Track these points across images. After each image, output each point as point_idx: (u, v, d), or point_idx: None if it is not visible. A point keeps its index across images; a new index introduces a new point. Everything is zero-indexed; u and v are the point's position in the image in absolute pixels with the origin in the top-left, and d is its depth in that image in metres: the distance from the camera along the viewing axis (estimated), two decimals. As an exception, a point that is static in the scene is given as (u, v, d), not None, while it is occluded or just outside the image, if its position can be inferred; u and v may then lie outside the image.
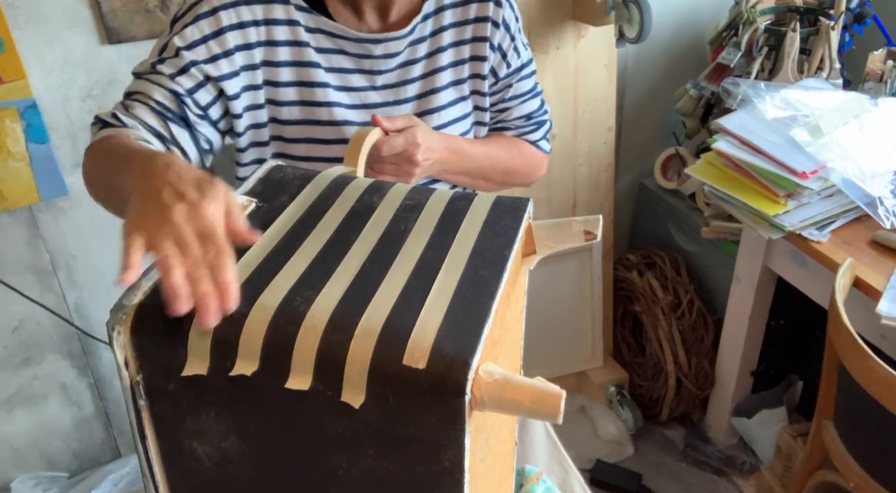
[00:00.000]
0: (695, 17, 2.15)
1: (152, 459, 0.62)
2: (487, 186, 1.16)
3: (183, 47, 0.95)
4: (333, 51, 1.01)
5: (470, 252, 0.62)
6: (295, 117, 1.02)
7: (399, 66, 1.05)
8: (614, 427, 2.15)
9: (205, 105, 0.97)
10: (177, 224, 0.58)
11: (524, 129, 1.20)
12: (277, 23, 0.98)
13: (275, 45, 0.98)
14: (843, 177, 1.50)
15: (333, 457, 0.56)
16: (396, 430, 0.52)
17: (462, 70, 1.09)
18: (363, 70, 1.03)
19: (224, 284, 0.55)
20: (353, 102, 1.03)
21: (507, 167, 1.17)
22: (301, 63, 1.00)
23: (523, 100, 1.17)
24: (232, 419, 0.57)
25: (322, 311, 0.55)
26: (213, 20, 0.95)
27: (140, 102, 0.95)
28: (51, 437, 1.97)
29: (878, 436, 1.35)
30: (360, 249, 0.63)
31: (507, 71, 1.12)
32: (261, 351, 0.54)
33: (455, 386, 0.50)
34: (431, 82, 1.07)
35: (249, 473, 0.60)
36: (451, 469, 0.53)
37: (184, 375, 0.55)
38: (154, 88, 0.95)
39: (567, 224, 0.72)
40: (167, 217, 0.58)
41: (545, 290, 2.09)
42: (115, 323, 0.56)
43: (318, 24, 0.99)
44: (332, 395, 0.52)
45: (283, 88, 1.00)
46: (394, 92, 1.05)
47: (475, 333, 0.53)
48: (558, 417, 0.51)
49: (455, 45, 1.07)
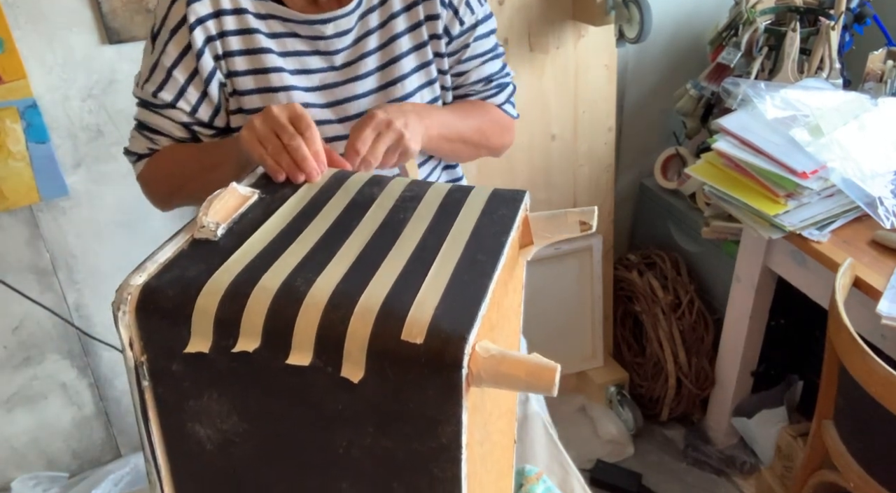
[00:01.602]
0: (695, 17, 2.15)
1: (155, 442, 0.63)
2: (466, 150, 1.12)
3: (171, 66, 1.00)
4: (287, 34, 1.02)
5: (467, 238, 0.64)
6: (256, 106, 1.02)
7: (354, 41, 1.04)
8: (614, 427, 2.15)
9: (207, 120, 1.03)
10: (274, 114, 0.80)
11: (486, 92, 1.15)
12: (225, 13, 0.99)
13: (226, 35, 1.00)
14: (843, 177, 1.50)
15: (333, 435, 0.57)
16: (395, 406, 0.53)
17: (420, 33, 1.06)
18: (319, 51, 1.03)
19: (315, 151, 0.77)
20: (312, 84, 1.03)
21: (480, 126, 1.12)
22: (252, 50, 1.01)
23: (482, 61, 1.12)
24: (233, 399, 0.59)
25: (322, 290, 0.56)
26: (184, 30, 0.98)
27: (163, 136, 1.05)
28: (51, 437, 1.97)
29: (878, 436, 1.34)
30: (360, 235, 0.65)
31: (461, 28, 1.08)
32: (262, 328, 0.55)
33: (452, 360, 0.51)
34: (391, 51, 1.05)
35: (251, 454, 0.61)
36: (448, 445, 0.54)
37: (186, 352, 0.56)
38: (170, 124, 1.04)
39: (563, 215, 0.73)
40: (267, 113, 0.81)
41: (545, 290, 2.09)
42: (120, 303, 0.57)
43: (268, 10, 1.00)
44: (332, 371, 0.53)
45: (240, 77, 1.01)
46: (353, 68, 1.04)
47: (472, 311, 0.54)
48: (553, 389, 0.52)
49: (408, 8, 1.05)
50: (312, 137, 0.77)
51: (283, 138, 0.77)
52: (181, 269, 0.60)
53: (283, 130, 0.78)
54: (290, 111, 0.80)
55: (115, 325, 0.57)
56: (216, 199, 0.68)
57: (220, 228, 0.65)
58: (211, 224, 0.65)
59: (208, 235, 0.64)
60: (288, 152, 0.76)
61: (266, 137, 0.79)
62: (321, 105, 1.04)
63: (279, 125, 0.79)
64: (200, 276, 0.59)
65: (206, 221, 0.65)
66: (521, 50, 1.86)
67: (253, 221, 0.67)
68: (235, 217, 0.68)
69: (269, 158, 0.77)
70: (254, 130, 0.80)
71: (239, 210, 0.69)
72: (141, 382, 0.60)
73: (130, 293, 0.58)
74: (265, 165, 0.77)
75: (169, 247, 0.63)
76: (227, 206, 0.68)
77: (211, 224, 0.65)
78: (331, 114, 1.05)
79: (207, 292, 0.57)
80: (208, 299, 0.57)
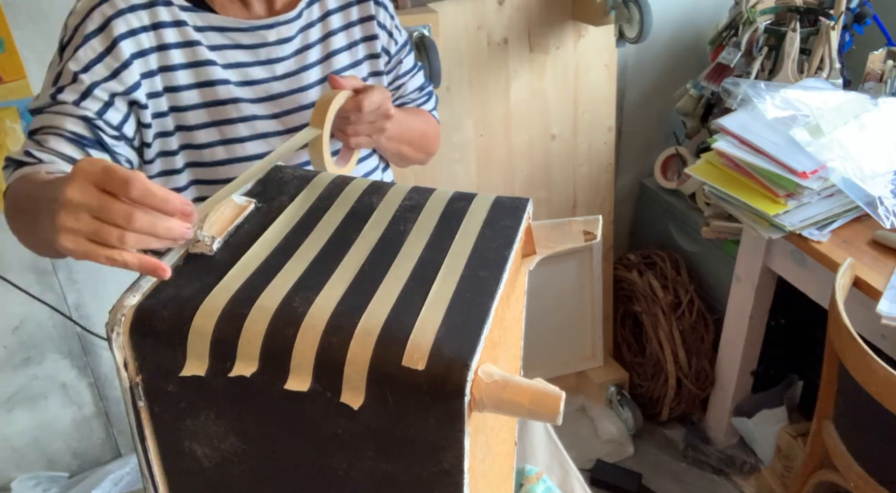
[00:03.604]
0: (695, 17, 2.15)
1: (152, 460, 0.62)
2: (410, 153, 1.17)
3: (79, 71, 0.91)
4: (228, 46, 0.99)
5: (469, 253, 0.62)
6: (203, 121, 0.99)
7: (295, 52, 1.04)
8: (614, 427, 2.15)
9: (117, 124, 0.93)
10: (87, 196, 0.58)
11: (420, 100, 1.23)
12: (165, 25, 0.95)
13: (167, 48, 0.95)
14: (844, 177, 1.50)
15: (333, 458, 0.56)
16: (396, 431, 0.52)
17: (356, 52, 1.09)
18: (261, 61, 1.02)
19: (170, 213, 0.59)
20: (256, 95, 1.01)
21: (424, 130, 1.19)
22: (196, 63, 0.97)
23: (413, 74, 1.20)
24: (231, 421, 0.57)
25: (321, 312, 0.55)
26: (103, 36, 0.92)
27: (52, 133, 0.89)
28: (51, 437, 1.97)
29: (878, 436, 1.34)
30: (360, 249, 0.63)
31: (396, 47, 1.14)
32: (260, 352, 0.54)
33: (454, 388, 0.50)
34: (330, 66, 1.07)
35: (249, 474, 0.60)
36: (450, 471, 0.53)
37: (182, 375, 0.55)
38: (62, 117, 0.90)
39: (567, 224, 0.72)
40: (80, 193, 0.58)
41: (545, 290, 2.09)
42: (113, 324, 0.56)
43: (206, 22, 0.98)
44: (331, 396, 0.52)
45: (184, 91, 0.97)
46: (295, 79, 1.04)
47: (474, 334, 0.53)
48: (558, 418, 0.51)
49: (345, 27, 1.08)
50: (149, 197, 0.58)
51: (116, 219, 0.58)
52: (176, 287, 0.58)
53: (109, 209, 0.58)
54: (100, 178, 0.58)
55: (108, 346, 0.56)
56: (212, 211, 0.66)
57: (215, 242, 0.63)
58: (206, 238, 0.63)
59: (204, 249, 0.63)
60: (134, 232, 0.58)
61: (94, 230, 0.59)
62: (268, 116, 1.03)
63: (105, 209, 0.58)
64: (196, 295, 0.57)
65: (201, 235, 0.63)
66: (521, 50, 1.86)
67: (250, 234, 0.65)
68: (231, 229, 0.65)
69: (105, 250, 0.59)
70: (72, 223, 0.59)
71: (235, 222, 0.66)
72: (136, 402, 0.59)
73: (124, 314, 0.56)
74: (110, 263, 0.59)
75: (163, 262, 0.61)
76: (222, 218, 0.66)
77: (206, 238, 0.63)
78: (278, 125, 1.04)
79: (203, 313, 0.56)
80: (204, 320, 0.55)
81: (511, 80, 1.88)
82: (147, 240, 0.59)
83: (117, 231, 0.58)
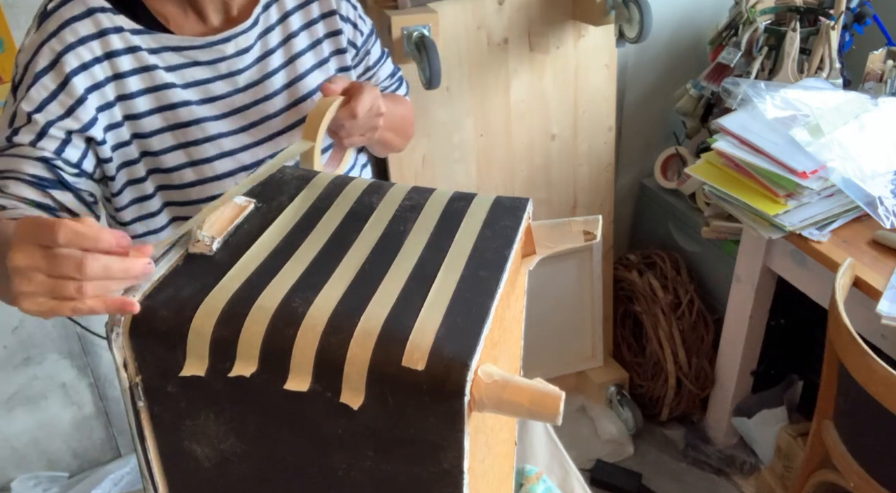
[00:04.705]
0: (695, 17, 2.15)
1: (151, 460, 0.62)
2: (393, 139, 1.15)
3: (33, 111, 0.89)
4: (186, 65, 0.97)
5: (469, 253, 0.62)
6: (168, 145, 0.97)
7: (256, 61, 1.01)
8: (614, 427, 2.15)
9: (76, 161, 0.92)
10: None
11: (392, 86, 1.24)
12: (118, 54, 0.92)
13: (122, 77, 0.93)
14: (844, 177, 1.50)
15: (333, 458, 0.56)
16: (395, 431, 0.52)
17: (321, 50, 1.07)
18: (222, 75, 0.99)
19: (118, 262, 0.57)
20: (220, 111, 0.99)
21: (404, 115, 1.19)
22: (154, 88, 0.95)
23: (382, 62, 1.20)
24: (231, 421, 0.57)
25: (321, 312, 0.55)
26: (54, 73, 0.89)
27: (11, 178, 0.88)
28: (51, 437, 1.97)
29: (878, 436, 1.34)
30: (359, 249, 0.63)
31: (363, 38, 1.13)
32: (259, 352, 0.53)
33: (454, 388, 0.50)
34: (294, 70, 1.04)
35: (249, 474, 0.60)
36: (450, 470, 0.53)
37: (182, 375, 0.55)
38: (19, 160, 0.89)
39: (567, 224, 0.72)
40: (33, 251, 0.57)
41: (545, 290, 2.09)
42: (113, 324, 0.56)
43: (160, 43, 0.95)
44: (331, 396, 0.52)
45: (145, 118, 0.95)
46: (260, 89, 1.02)
47: (474, 334, 0.53)
48: (557, 418, 0.51)
49: (306, 26, 1.05)
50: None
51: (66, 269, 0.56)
52: (176, 287, 0.58)
53: (58, 264, 0.57)
54: (35, 235, 0.57)
55: (108, 346, 0.56)
56: (212, 211, 0.65)
57: (215, 242, 0.63)
58: (206, 238, 0.63)
59: (203, 249, 0.62)
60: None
61: (50, 289, 0.58)
62: (235, 131, 1.01)
63: (53, 256, 0.57)
64: (196, 295, 0.57)
65: (200, 235, 0.63)
66: (521, 50, 1.86)
67: (250, 233, 0.65)
68: (231, 229, 0.65)
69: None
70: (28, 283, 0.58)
71: (235, 222, 0.66)
72: (136, 402, 0.59)
73: (123, 315, 0.56)
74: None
75: (163, 263, 0.61)
76: (222, 217, 0.66)
77: (206, 238, 0.63)
78: (247, 138, 1.02)
79: (203, 313, 0.55)
80: (204, 321, 0.55)
81: (511, 80, 1.88)
82: (107, 284, 0.57)
83: (73, 283, 0.56)
